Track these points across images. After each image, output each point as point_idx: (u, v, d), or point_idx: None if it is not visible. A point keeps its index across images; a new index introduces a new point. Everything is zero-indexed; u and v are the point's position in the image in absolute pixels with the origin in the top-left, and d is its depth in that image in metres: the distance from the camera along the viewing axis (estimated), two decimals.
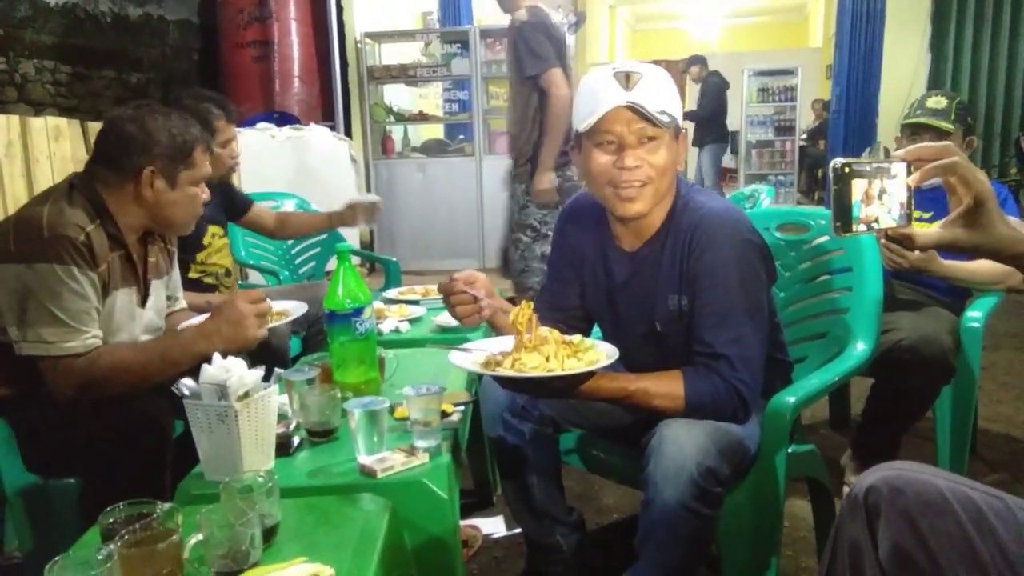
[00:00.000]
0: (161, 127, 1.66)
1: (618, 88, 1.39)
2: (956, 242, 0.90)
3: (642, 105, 1.37)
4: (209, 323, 1.60)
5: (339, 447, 1.47)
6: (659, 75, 1.42)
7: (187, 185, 1.70)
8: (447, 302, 1.55)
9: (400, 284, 3.11)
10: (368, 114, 6.03)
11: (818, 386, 1.52)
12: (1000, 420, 2.71)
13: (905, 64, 6.92)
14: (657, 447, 1.30)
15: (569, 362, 1.33)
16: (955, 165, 0.89)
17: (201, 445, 1.33)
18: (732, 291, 1.39)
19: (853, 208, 0.91)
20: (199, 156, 1.72)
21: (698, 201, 1.47)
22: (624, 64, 1.43)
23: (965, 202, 0.89)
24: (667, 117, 1.39)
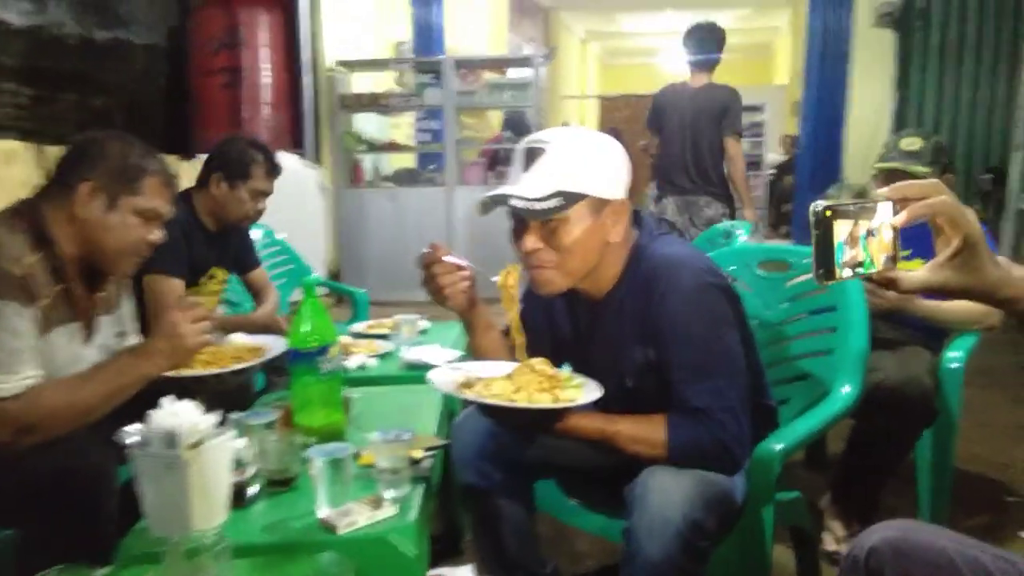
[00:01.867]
0: (116, 147, 1.58)
1: (519, 167, 1.34)
2: (945, 285, 0.86)
3: (522, 196, 1.28)
4: (146, 341, 1.51)
5: (299, 497, 1.37)
6: (573, 145, 1.33)
7: (128, 212, 1.59)
8: (426, 276, 1.45)
9: (368, 316, 3.02)
10: (338, 142, 5.96)
11: (805, 431, 1.46)
12: (976, 461, 2.68)
13: (871, 103, 7.02)
14: (641, 498, 1.23)
15: (541, 396, 1.27)
16: (943, 204, 0.84)
17: (146, 498, 1.22)
18: (700, 340, 1.32)
19: (836, 252, 0.85)
20: (150, 186, 1.61)
21: (654, 248, 1.41)
22: (537, 135, 1.36)
23: (954, 243, 0.84)
24: (556, 201, 1.28)
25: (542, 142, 1.33)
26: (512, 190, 1.30)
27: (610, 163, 1.36)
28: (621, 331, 1.41)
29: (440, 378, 1.38)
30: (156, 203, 1.63)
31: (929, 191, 0.85)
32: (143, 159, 1.61)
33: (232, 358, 1.75)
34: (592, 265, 1.38)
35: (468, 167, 6.14)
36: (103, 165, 1.57)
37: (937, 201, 0.84)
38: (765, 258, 1.94)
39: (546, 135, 1.35)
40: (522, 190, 1.30)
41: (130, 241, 1.61)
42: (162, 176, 1.64)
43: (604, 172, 1.35)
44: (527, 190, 1.30)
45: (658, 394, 1.37)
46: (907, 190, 0.86)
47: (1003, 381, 3.59)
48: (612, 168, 1.36)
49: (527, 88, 5.97)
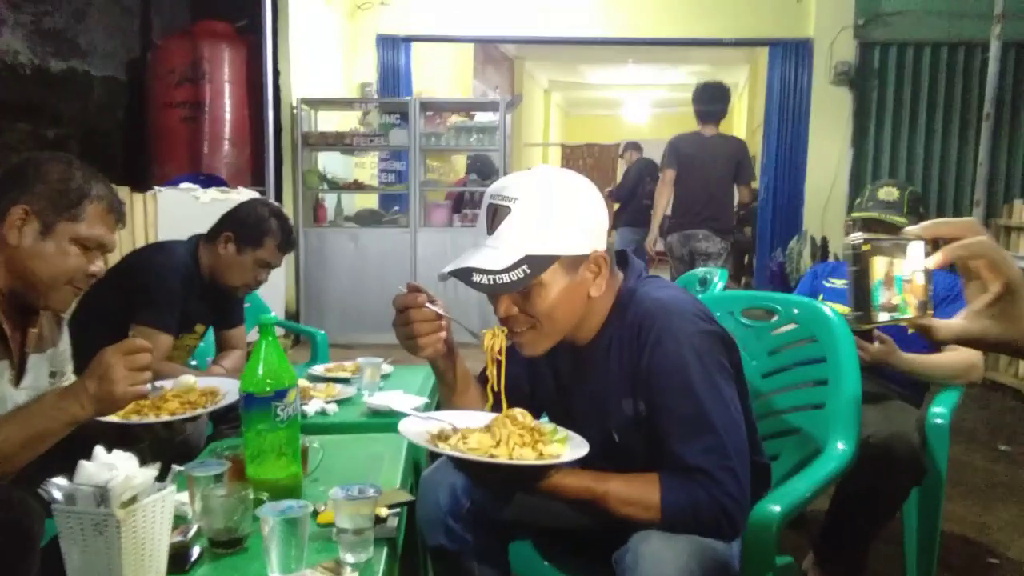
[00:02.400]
0: (56, 170, 1.44)
1: (483, 228, 1.23)
2: (985, 336, 0.77)
3: (485, 270, 1.17)
4: (76, 381, 1.34)
5: (248, 561, 1.22)
6: (542, 201, 1.20)
7: (65, 240, 1.45)
8: (401, 320, 1.30)
9: (328, 359, 2.87)
10: (301, 180, 5.82)
11: (804, 492, 1.36)
12: (954, 520, 2.61)
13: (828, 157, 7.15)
14: (632, 566, 1.11)
15: (523, 451, 1.15)
16: (981, 246, 0.76)
17: (71, 561, 1.07)
18: (696, 392, 1.20)
19: (873, 293, 0.77)
20: (92, 213, 1.47)
21: (643, 292, 1.30)
22: (503, 188, 1.23)
23: (993, 289, 0.76)
24: (522, 271, 1.17)
25: (507, 199, 1.20)
26: (474, 261, 1.19)
27: (584, 214, 1.24)
28: (607, 381, 1.31)
29: (411, 428, 1.25)
30: (98, 231, 1.48)
31: (965, 230, 0.77)
32: (86, 183, 1.47)
33: (181, 403, 1.59)
34: (576, 322, 1.29)
35: (433, 209, 6.04)
36: (40, 188, 1.43)
37: (975, 242, 0.76)
38: (749, 305, 1.87)
39: (513, 187, 1.22)
40: (484, 260, 1.19)
41: (66, 271, 1.46)
42: (107, 202, 1.50)
43: (578, 226, 1.23)
44: (490, 260, 1.18)
45: (647, 450, 1.26)
46: (940, 229, 0.79)
47: (975, 438, 3.57)
48: (586, 219, 1.24)
49: (494, 132, 5.94)
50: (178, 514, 1.35)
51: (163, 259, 2.26)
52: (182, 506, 1.36)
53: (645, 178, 8.43)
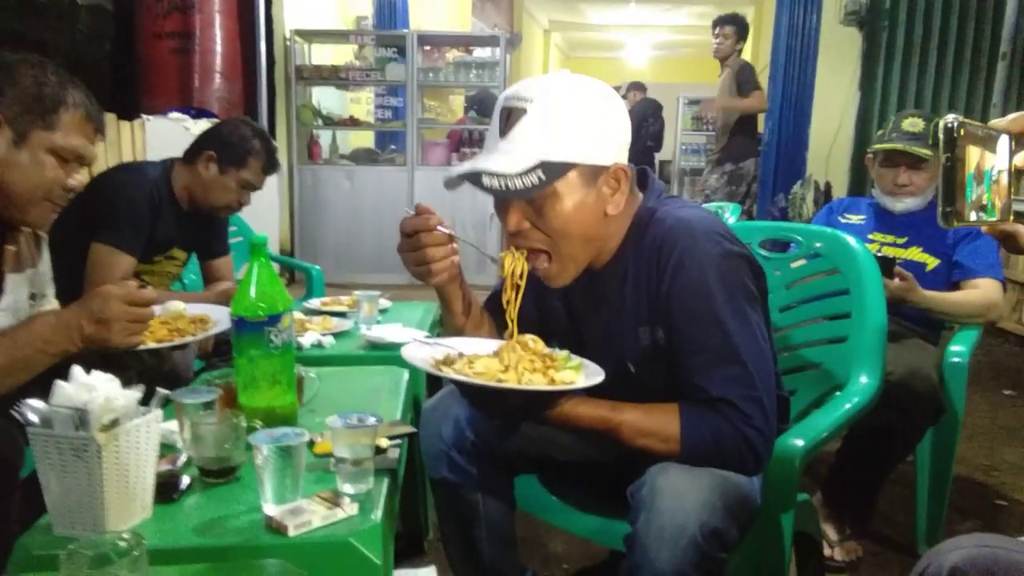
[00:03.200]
0: (28, 74, 1.32)
1: (495, 132, 1.12)
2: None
3: (496, 172, 1.08)
4: (72, 313, 1.24)
5: (240, 491, 1.15)
6: (560, 103, 1.10)
7: (41, 150, 1.34)
8: (410, 245, 1.19)
9: (323, 295, 2.78)
10: (294, 116, 5.66)
11: (828, 427, 1.29)
12: (960, 462, 2.55)
13: (835, 100, 6.99)
14: (649, 500, 1.04)
15: (534, 377, 1.07)
16: None
17: (49, 490, 0.99)
18: (721, 318, 1.11)
19: (968, 187, 0.68)
20: (69, 121, 1.36)
21: (664, 211, 1.20)
22: (517, 90, 1.12)
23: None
24: (536, 175, 1.07)
25: (523, 99, 1.11)
26: (485, 163, 1.09)
27: (606, 122, 1.14)
28: (624, 308, 1.22)
29: (415, 354, 1.16)
30: (76, 141, 1.37)
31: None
32: (61, 89, 1.35)
33: (170, 330, 1.50)
34: (593, 242, 1.19)
35: (431, 147, 5.89)
36: (11, 93, 1.31)
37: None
38: (768, 236, 1.78)
39: (529, 89, 1.12)
40: (497, 163, 1.09)
41: (42, 184, 1.35)
42: (84, 109, 1.38)
43: (598, 133, 1.13)
44: (502, 163, 1.08)
45: (666, 381, 1.18)
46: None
47: (979, 383, 3.52)
48: (608, 128, 1.14)
49: (494, 68, 5.76)
50: (168, 443, 1.29)
51: (129, 177, 2.15)
52: (172, 435, 1.30)
53: (648, 118, 8.27)
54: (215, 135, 2.21)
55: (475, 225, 5.62)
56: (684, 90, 10.03)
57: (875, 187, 2.26)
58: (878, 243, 2.15)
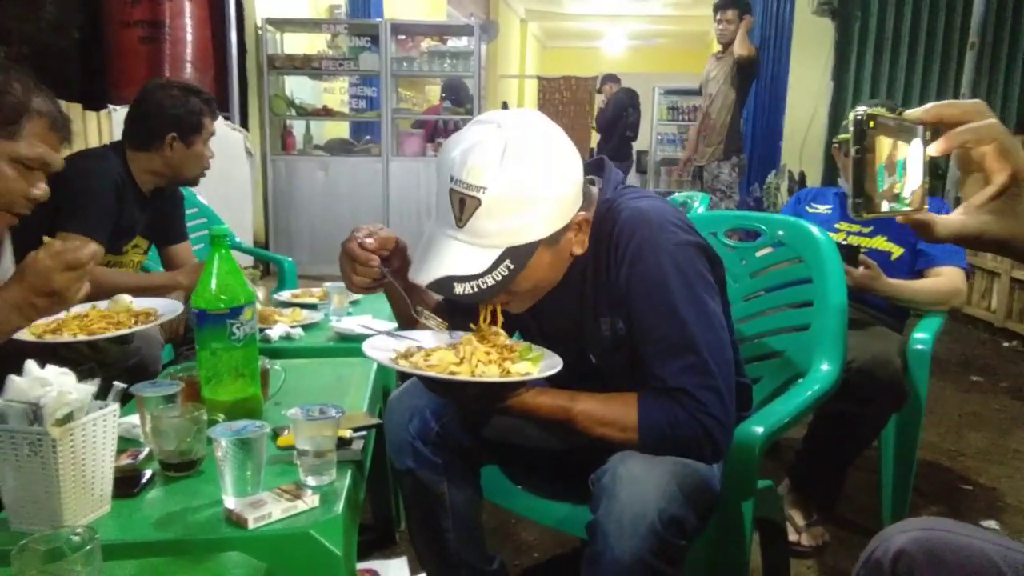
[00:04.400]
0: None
1: (449, 216, 1.07)
2: (983, 233, 0.69)
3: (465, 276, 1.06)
4: (15, 292, 1.21)
5: (202, 485, 1.14)
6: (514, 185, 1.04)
7: (3, 160, 1.31)
8: (344, 260, 1.25)
9: (296, 287, 2.76)
10: (267, 106, 5.60)
11: (787, 414, 1.30)
12: (927, 448, 2.62)
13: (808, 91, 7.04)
14: (610, 488, 1.05)
15: (487, 369, 1.08)
16: (992, 130, 0.66)
17: (5, 484, 0.98)
18: (677, 308, 1.11)
19: (878, 177, 0.68)
20: (33, 130, 1.33)
21: (619, 203, 1.19)
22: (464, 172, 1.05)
23: (998, 181, 0.67)
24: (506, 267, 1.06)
25: (474, 189, 1.04)
26: (449, 265, 1.07)
27: (563, 183, 1.08)
28: (583, 299, 1.22)
29: (375, 346, 1.17)
30: (40, 150, 1.35)
31: (972, 113, 0.68)
32: (25, 96, 1.33)
33: (109, 322, 1.48)
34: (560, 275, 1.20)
35: (405, 138, 5.87)
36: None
37: (985, 125, 0.67)
38: (733, 226, 1.79)
39: (477, 173, 1.04)
40: (461, 263, 1.06)
41: (5, 195, 1.32)
42: (49, 118, 1.36)
43: (558, 201, 1.08)
44: (467, 263, 1.06)
45: (627, 371, 1.19)
46: (944, 110, 0.69)
47: (946, 370, 3.58)
48: (567, 187, 1.09)
49: (468, 58, 5.74)
50: (130, 437, 1.28)
51: (93, 164, 2.10)
52: (134, 429, 1.29)
53: (627, 108, 8.27)
54: (161, 116, 2.15)
55: None
56: (660, 80, 10.05)
57: (842, 177, 2.28)
58: (844, 232, 2.17)
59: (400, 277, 1.23)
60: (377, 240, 1.23)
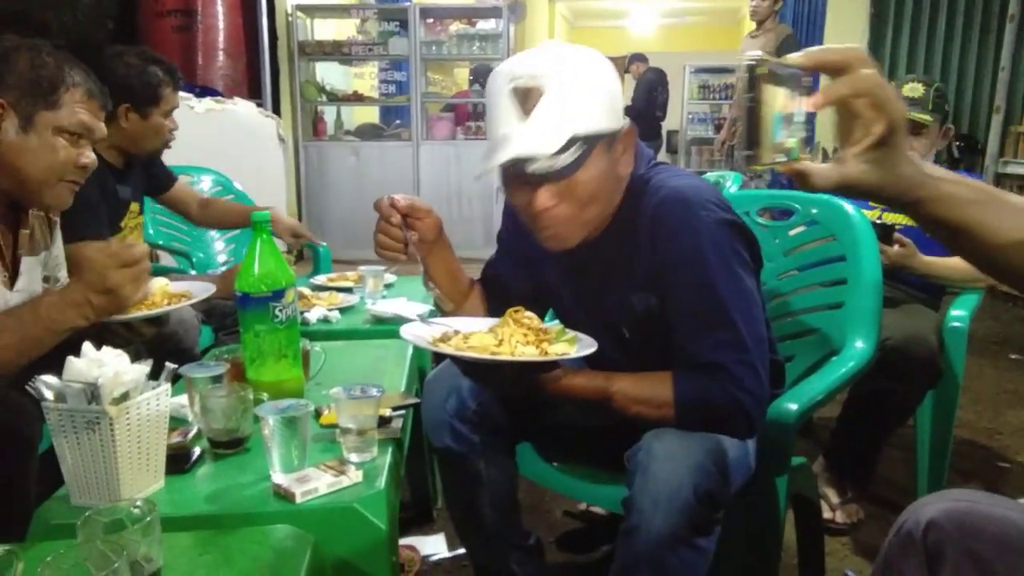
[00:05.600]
0: (25, 59, 1.35)
1: (512, 115, 1.10)
2: (860, 182, 0.69)
3: (536, 155, 1.08)
4: (75, 290, 1.27)
5: (249, 461, 1.19)
6: (574, 76, 1.10)
7: (47, 130, 1.36)
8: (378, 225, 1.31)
9: (330, 271, 2.81)
10: (299, 92, 5.66)
11: (821, 391, 1.31)
12: (964, 426, 2.60)
13: None
14: (645, 465, 1.07)
15: (526, 349, 1.10)
16: (867, 81, 0.66)
17: (65, 461, 1.03)
18: (714, 284, 1.13)
19: (774, 127, 0.67)
20: (71, 99, 1.38)
21: (658, 180, 1.20)
22: (522, 68, 1.10)
23: (876, 131, 0.67)
24: (576, 150, 1.09)
25: (535, 77, 1.09)
26: (519, 148, 1.08)
27: (613, 86, 1.15)
28: (618, 275, 1.24)
29: (413, 331, 1.19)
30: (81, 118, 1.39)
31: (852, 60, 0.67)
32: (59, 69, 1.38)
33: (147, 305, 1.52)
34: (608, 207, 1.20)
35: (435, 122, 5.88)
36: (11, 80, 1.34)
37: (860, 77, 0.66)
38: (766, 204, 1.79)
39: (536, 66, 1.10)
40: (530, 146, 1.08)
41: (54, 165, 1.38)
42: (84, 87, 1.41)
43: (612, 99, 1.13)
44: (536, 145, 1.08)
45: (660, 346, 1.21)
46: (825, 56, 0.68)
47: (984, 348, 3.53)
48: (616, 92, 1.16)
49: (497, 40, 5.73)
50: (178, 416, 1.33)
51: None
52: (182, 409, 1.34)
53: (657, 88, 8.19)
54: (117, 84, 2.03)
55: (481, 198, 5.63)
56: (691, 59, 9.93)
57: None
58: (879, 210, 2.15)
59: (425, 251, 1.28)
60: (407, 200, 1.26)
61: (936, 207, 0.71)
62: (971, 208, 0.71)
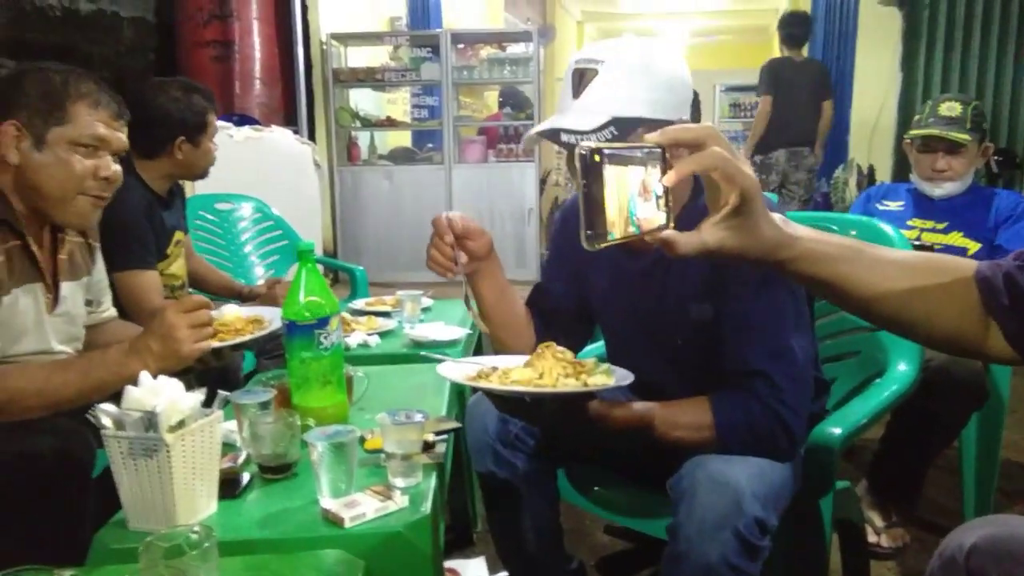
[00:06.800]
0: (32, 80, 1.41)
1: (568, 93, 1.18)
2: (721, 248, 0.74)
3: (572, 130, 1.13)
4: (140, 338, 1.33)
5: (297, 486, 1.21)
6: (629, 60, 1.16)
7: (60, 146, 1.40)
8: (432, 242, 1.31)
9: (367, 295, 2.85)
10: (333, 118, 5.76)
11: (866, 414, 1.31)
12: (1010, 447, 2.53)
13: (876, 82, 6.88)
14: (690, 492, 1.07)
15: (567, 381, 1.11)
16: (713, 158, 0.71)
17: (123, 487, 1.06)
18: (772, 294, 1.15)
19: (630, 203, 0.72)
20: (77, 111, 1.42)
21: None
22: (585, 53, 1.19)
23: (730, 201, 0.72)
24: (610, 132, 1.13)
25: (594, 61, 1.16)
26: (561, 121, 1.15)
27: (673, 77, 1.18)
28: (674, 284, 1.25)
29: (451, 371, 1.21)
30: (90, 128, 1.42)
31: (703, 138, 0.72)
32: (63, 85, 1.42)
33: (227, 330, 1.56)
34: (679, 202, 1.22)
35: (467, 145, 5.95)
36: (23, 102, 1.40)
37: (707, 155, 0.72)
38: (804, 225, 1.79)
39: (600, 51, 1.18)
40: (571, 121, 1.14)
41: (71, 178, 1.41)
42: (91, 98, 1.44)
43: (664, 89, 1.16)
44: (577, 121, 1.14)
45: (708, 357, 1.21)
46: (679, 134, 0.74)
47: None
48: (675, 83, 1.18)
49: (527, 64, 5.79)
50: (228, 442, 1.36)
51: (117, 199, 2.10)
52: (231, 434, 1.36)
53: None
54: (167, 121, 2.18)
55: (513, 218, 5.68)
56: (721, 77, 9.94)
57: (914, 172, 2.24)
58: (918, 229, 2.14)
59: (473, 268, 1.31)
60: (462, 222, 1.29)
61: (802, 265, 0.76)
62: (837, 264, 0.77)
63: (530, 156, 5.72)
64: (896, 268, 0.79)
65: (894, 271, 0.78)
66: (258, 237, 3.25)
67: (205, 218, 3.11)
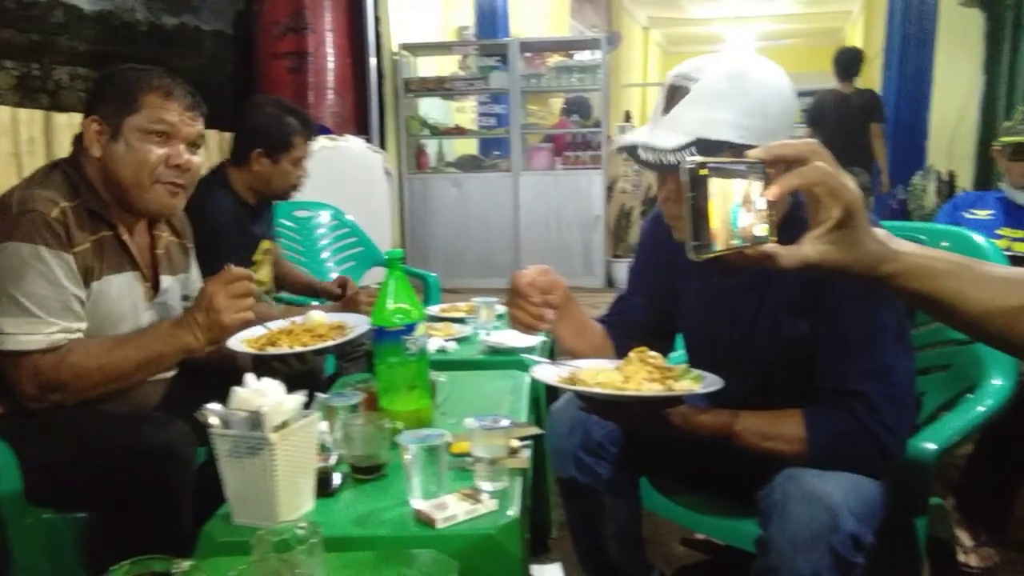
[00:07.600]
0: (118, 75, 1.49)
1: (660, 107, 1.18)
2: (824, 261, 0.74)
3: (652, 147, 1.12)
4: (187, 311, 1.43)
5: (387, 487, 1.25)
6: (722, 81, 1.12)
7: (133, 136, 1.46)
8: (510, 299, 1.31)
9: (439, 301, 2.90)
10: (403, 127, 5.87)
11: (960, 428, 1.28)
12: None
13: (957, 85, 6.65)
14: (782, 506, 1.06)
15: (652, 385, 1.12)
16: (817, 173, 0.72)
17: (229, 483, 1.12)
18: (875, 309, 1.12)
19: (733, 216, 0.74)
20: (148, 102, 1.47)
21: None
22: (680, 68, 1.17)
23: (834, 215, 0.73)
24: (689, 154, 1.10)
25: (688, 79, 1.15)
26: (644, 137, 1.15)
27: (768, 103, 1.13)
28: (773, 296, 1.23)
29: (543, 372, 1.23)
30: (162, 116, 1.47)
31: (805, 153, 0.73)
32: (137, 78, 1.49)
33: (312, 336, 1.62)
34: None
35: (534, 152, 5.98)
36: (105, 98, 1.49)
37: (811, 170, 0.73)
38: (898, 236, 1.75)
39: (698, 69, 1.15)
40: (655, 138, 1.14)
41: (144, 166, 1.46)
42: (161, 89, 1.49)
43: (758, 114, 1.12)
44: (661, 138, 1.13)
45: (798, 372, 1.19)
46: (782, 150, 0.75)
47: None
48: (771, 109, 1.13)
49: (595, 71, 5.79)
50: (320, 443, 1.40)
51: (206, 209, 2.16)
52: (322, 435, 1.41)
53: None
54: (254, 131, 2.26)
55: (580, 226, 5.69)
56: None
57: (1003, 180, 2.17)
58: (1008, 239, 2.07)
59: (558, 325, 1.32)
60: (543, 278, 1.29)
61: (908, 280, 0.76)
62: (943, 280, 0.76)
63: (597, 164, 5.73)
64: (1006, 284, 0.77)
65: (1004, 287, 0.77)
66: (335, 244, 3.34)
67: (285, 225, 3.21)
